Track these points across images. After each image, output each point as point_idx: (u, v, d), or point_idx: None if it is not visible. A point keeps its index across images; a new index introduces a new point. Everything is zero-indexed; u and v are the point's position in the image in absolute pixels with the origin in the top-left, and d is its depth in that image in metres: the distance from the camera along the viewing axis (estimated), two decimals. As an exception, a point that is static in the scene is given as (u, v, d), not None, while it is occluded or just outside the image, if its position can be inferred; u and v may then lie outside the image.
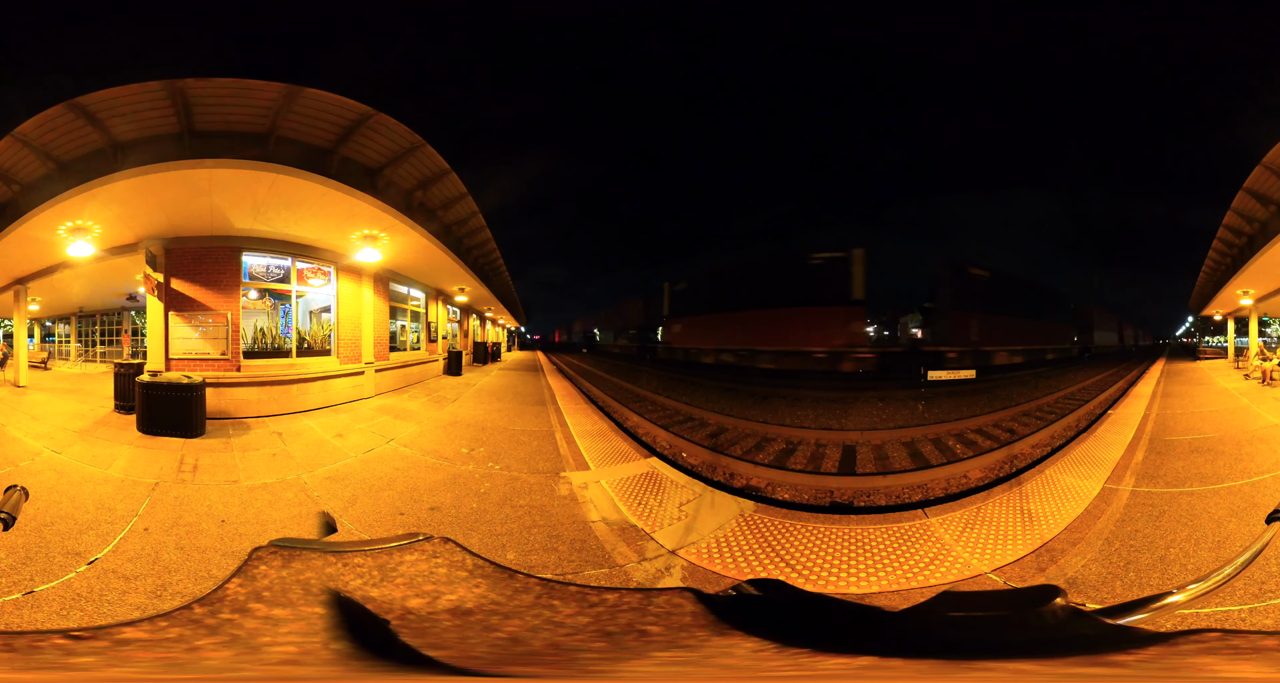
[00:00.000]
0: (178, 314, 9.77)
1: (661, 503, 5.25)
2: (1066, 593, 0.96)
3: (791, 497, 6.33)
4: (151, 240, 9.65)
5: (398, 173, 9.75)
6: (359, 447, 7.52)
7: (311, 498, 5.38)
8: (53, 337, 25.35)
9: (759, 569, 3.93)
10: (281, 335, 11.25)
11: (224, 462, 6.66)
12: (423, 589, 1.04)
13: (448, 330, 21.17)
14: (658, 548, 4.25)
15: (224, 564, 3.84)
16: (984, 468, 7.24)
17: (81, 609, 3.22)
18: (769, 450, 8.72)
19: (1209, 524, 4.49)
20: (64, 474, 5.89)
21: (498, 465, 6.56)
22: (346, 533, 4.37)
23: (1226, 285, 18.26)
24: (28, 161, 8.05)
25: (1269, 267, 14.88)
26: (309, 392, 10.75)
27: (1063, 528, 4.47)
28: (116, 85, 6.86)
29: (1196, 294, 24.10)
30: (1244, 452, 6.95)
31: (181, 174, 7.57)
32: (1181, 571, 3.69)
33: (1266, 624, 2.95)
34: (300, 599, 0.97)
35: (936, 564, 3.91)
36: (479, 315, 29.76)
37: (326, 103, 7.75)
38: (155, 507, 4.94)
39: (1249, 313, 21.46)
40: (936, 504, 5.29)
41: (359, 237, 10.31)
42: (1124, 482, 5.71)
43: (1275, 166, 11.62)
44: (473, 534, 4.48)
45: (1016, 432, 9.67)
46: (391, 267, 13.71)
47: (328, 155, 8.41)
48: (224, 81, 7.14)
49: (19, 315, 14.49)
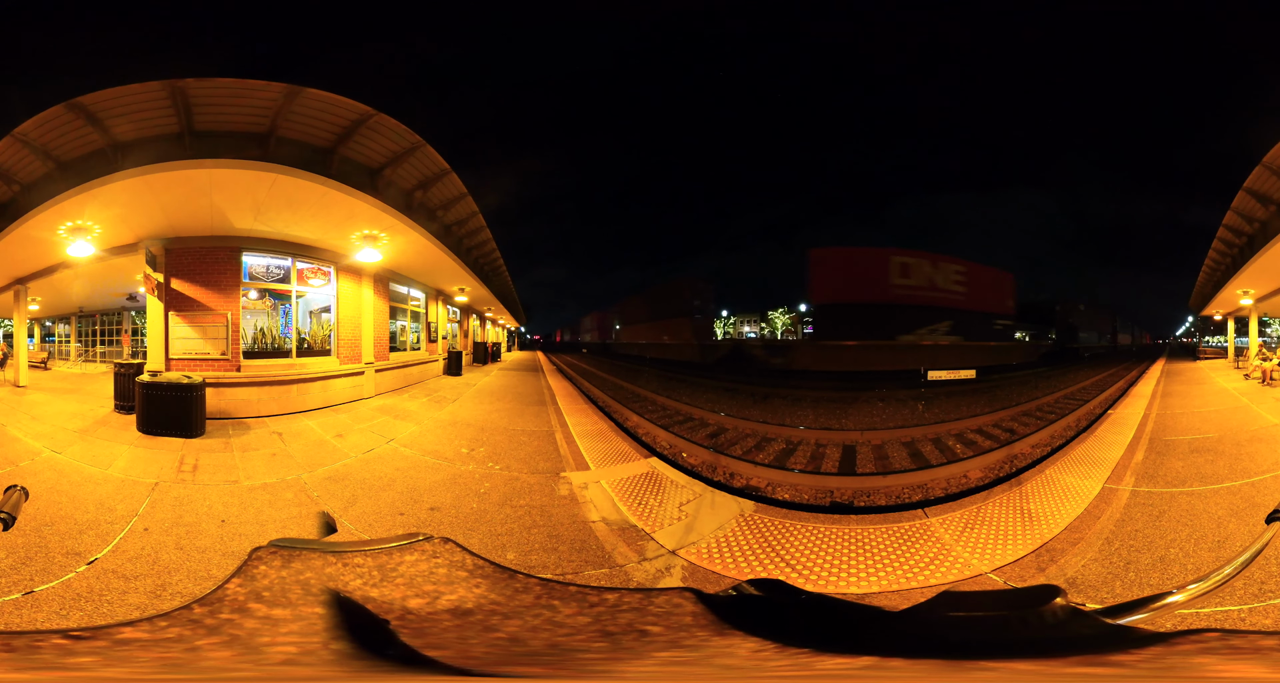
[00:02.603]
0: (178, 314, 9.77)
1: (661, 503, 5.25)
2: (1066, 593, 0.96)
3: (791, 497, 6.33)
4: (151, 240, 9.66)
5: (398, 173, 9.75)
6: (359, 447, 7.52)
7: (311, 498, 5.38)
8: (53, 337, 25.37)
9: (759, 569, 3.93)
10: (281, 335, 11.25)
11: (224, 462, 6.66)
12: (423, 589, 1.04)
13: (448, 331, 21.16)
14: (658, 548, 4.25)
15: (224, 564, 3.84)
16: (984, 468, 7.24)
17: (81, 609, 3.22)
18: (769, 450, 8.72)
19: (1209, 524, 4.49)
20: (64, 474, 5.89)
21: (498, 466, 6.56)
22: (346, 533, 4.37)
23: (1226, 285, 18.27)
24: (28, 162, 8.06)
25: (1269, 267, 14.88)
26: (309, 392, 10.75)
27: (1063, 528, 4.47)
28: (116, 85, 6.86)
29: (1196, 294, 24.10)
30: (1244, 452, 6.95)
31: (182, 174, 7.57)
32: (1181, 571, 3.70)
33: (1266, 624, 2.95)
34: (300, 599, 0.97)
35: (937, 564, 3.91)
36: (479, 316, 29.76)
37: (326, 103, 7.75)
38: (155, 507, 4.94)
39: (1249, 313, 21.46)
40: (936, 504, 5.29)
41: (359, 237, 10.31)
42: (1124, 482, 5.71)
43: (1275, 166, 11.63)
44: (473, 534, 4.48)
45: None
46: (391, 267, 13.70)
47: (328, 155, 8.41)
48: (224, 81, 7.15)
49: (19, 315, 14.50)
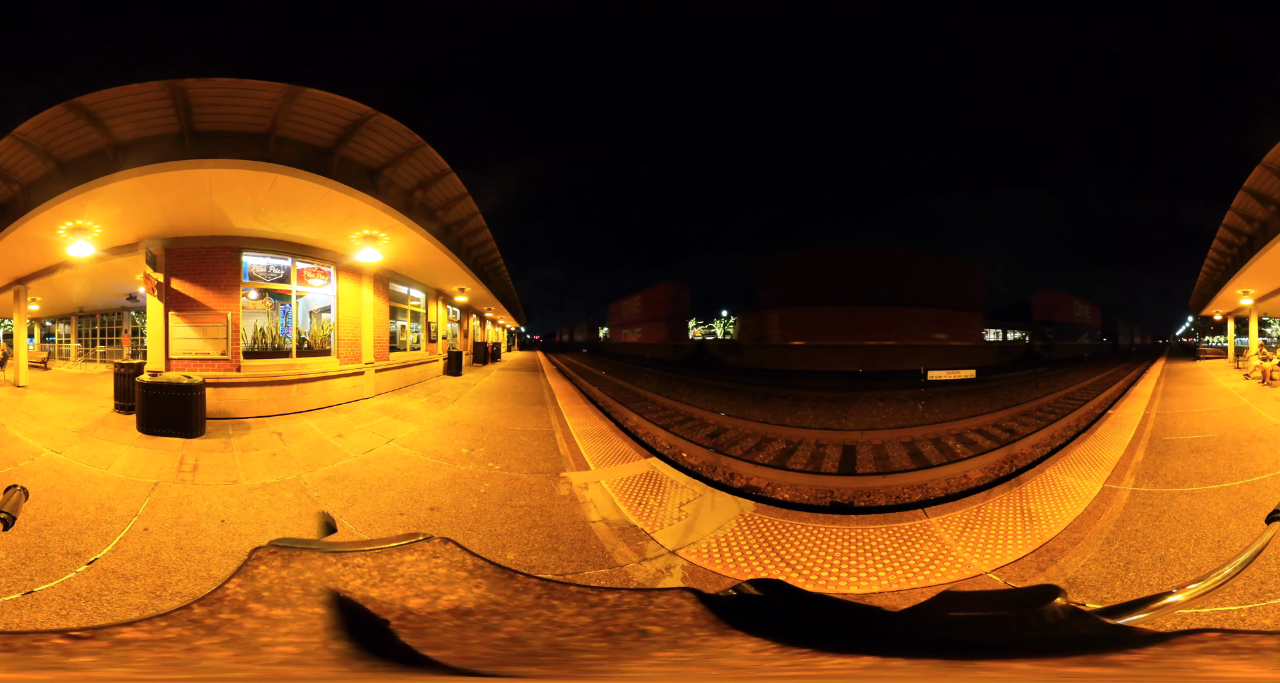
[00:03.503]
0: (178, 314, 9.77)
1: (662, 503, 5.25)
2: (1066, 593, 0.96)
3: (791, 497, 6.33)
4: (151, 240, 9.65)
5: (398, 173, 9.75)
6: (359, 447, 7.52)
7: (311, 498, 5.38)
8: (53, 337, 25.37)
9: (759, 569, 3.93)
10: (281, 336, 11.25)
11: (224, 462, 6.66)
12: (423, 589, 1.04)
13: (448, 331, 21.16)
14: (658, 548, 4.25)
15: (224, 564, 3.84)
16: (984, 468, 7.24)
17: (81, 609, 3.22)
18: (769, 450, 8.72)
19: (1209, 524, 4.48)
20: (64, 474, 5.89)
21: (498, 466, 6.56)
22: (346, 533, 4.37)
23: (1226, 285, 18.26)
24: (28, 161, 8.05)
25: (1269, 267, 14.88)
26: (309, 392, 10.75)
27: (1063, 528, 4.47)
28: (116, 85, 6.86)
29: (1196, 294, 24.10)
30: (1244, 452, 6.95)
31: (182, 174, 7.57)
32: (1181, 570, 3.69)
33: (1266, 624, 2.95)
34: (300, 599, 0.97)
35: (937, 564, 3.91)
36: (479, 316, 29.76)
37: (327, 103, 7.74)
38: (155, 507, 4.94)
39: (1249, 313, 21.46)
40: (936, 504, 5.29)
41: (359, 237, 10.31)
42: (1124, 482, 5.71)
43: (1275, 166, 11.63)
44: (473, 535, 4.48)
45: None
46: (391, 267, 13.70)
47: (328, 155, 8.41)
48: (224, 81, 7.14)
49: (19, 315, 14.49)
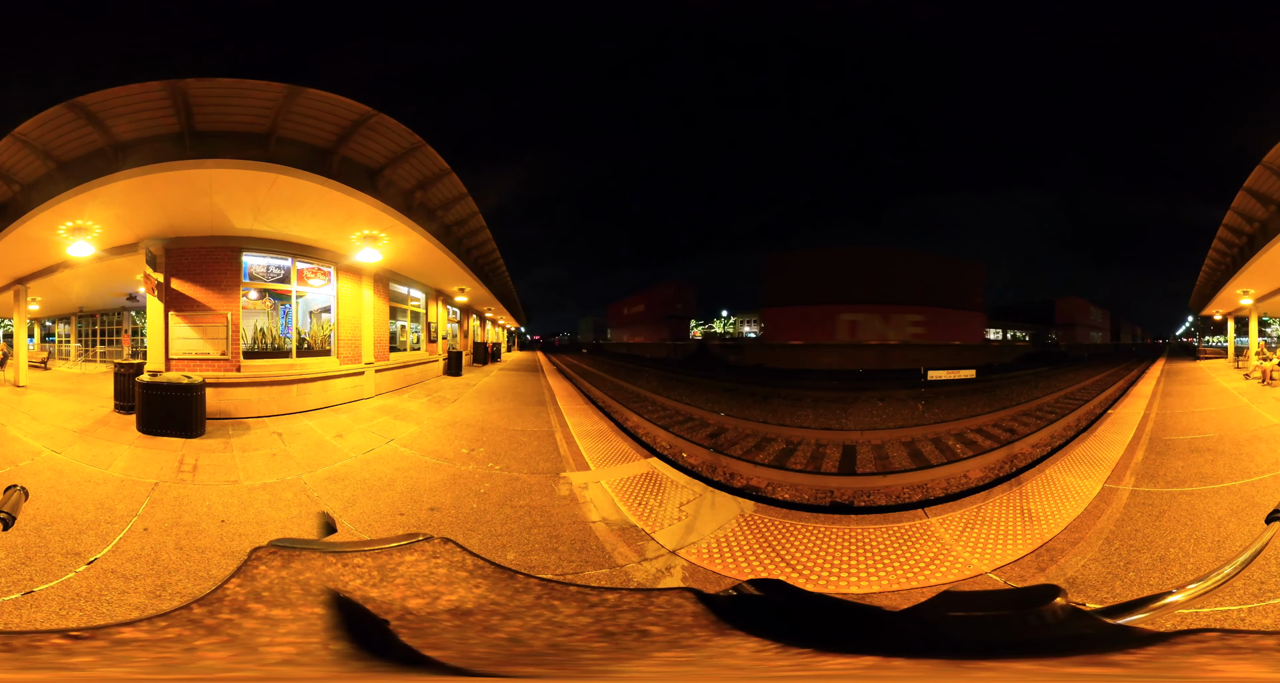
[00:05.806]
0: (178, 314, 9.77)
1: (662, 503, 5.25)
2: (1066, 593, 0.96)
3: (792, 497, 6.33)
4: (151, 240, 9.65)
5: (398, 173, 9.75)
6: (359, 447, 7.52)
7: (311, 498, 5.38)
8: (53, 337, 25.37)
9: (759, 569, 3.93)
10: (281, 336, 11.25)
11: (224, 462, 6.66)
12: (423, 590, 1.04)
13: (448, 331, 21.16)
14: (658, 548, 4.25)
15: (223, 564, 3.84)
16: (984, 468, 7.24)
17: (80, 609, 3.22)
18: (769, 450, 8.72)
19: (1209, 524, 4.48)
20: (64, 474, 5.89)
21: (498, 466, 6.56)
22: (346, 533, 4.37)
23: (1226, 285, 18.26)
24: (28, 161, 8.05)
25: (1269, 266, 14.88)
26: (309, 392, 10.75)
27: (1063, 528, 4.47)
28: (116, 85, 6.86)
29: (1196, 294, 24.10)
30: (1244, 452, 6.95)
31: (182, 174, 7.56)
32: (1181, 570, 3.69)
33: (1266, 624, 2.95)
34: (299, 600, 0.97)
35: (937, 564, 3.91)
36: (479, 316, 29.76)
37: (327, 103, 7.74)
38: (155, 507, 4.94)
39: (1249, 313, 21.45)
40: (936, 504, 5.29)
41: (359, 237, 10.30)
42: (1124, 481, 5.71)
43: (1275, 166, 11.62)
44: (473, 535, 4.48)
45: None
46: (391, 267, 13.70)
47: (328, 155, 8.40)
48: (224, 81, 7.14)
49: (19, 315, 14.49)
